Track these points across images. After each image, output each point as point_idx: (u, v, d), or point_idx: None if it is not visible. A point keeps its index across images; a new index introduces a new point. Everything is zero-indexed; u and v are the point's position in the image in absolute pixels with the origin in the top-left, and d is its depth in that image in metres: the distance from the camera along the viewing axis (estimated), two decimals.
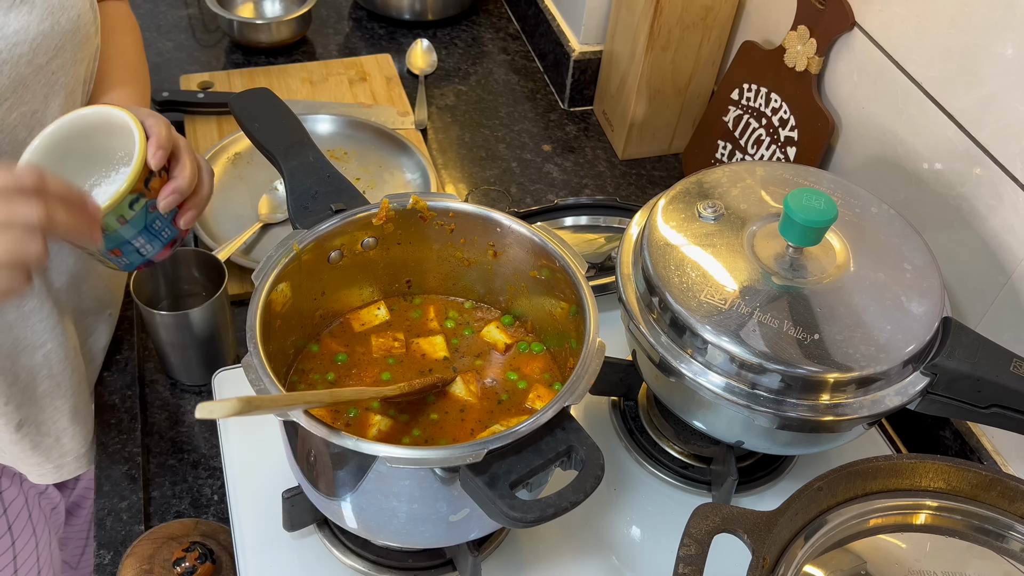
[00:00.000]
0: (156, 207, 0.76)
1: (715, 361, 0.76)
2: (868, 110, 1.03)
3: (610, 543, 0.87)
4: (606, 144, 1.39)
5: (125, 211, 0.74)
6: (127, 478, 0.93)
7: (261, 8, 1.57)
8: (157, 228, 0.78)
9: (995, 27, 0.85)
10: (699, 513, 0.66)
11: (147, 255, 0.79)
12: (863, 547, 0.70)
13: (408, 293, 0.89)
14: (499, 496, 0.62)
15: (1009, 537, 0.70)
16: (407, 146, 1.29)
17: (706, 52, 1.27)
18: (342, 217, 0.79)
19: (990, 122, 0.87)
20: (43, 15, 0.77)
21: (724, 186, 0.87)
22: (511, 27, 1.62)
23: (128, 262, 0.79)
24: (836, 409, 0.75)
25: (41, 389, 0.92)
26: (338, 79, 1.43)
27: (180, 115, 1.34)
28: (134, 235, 0.76)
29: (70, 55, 0.81)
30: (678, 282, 0.79)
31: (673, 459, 0.94)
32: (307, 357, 0.82)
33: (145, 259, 0.79)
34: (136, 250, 0.78)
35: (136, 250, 0.78)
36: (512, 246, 0.82)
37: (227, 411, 0.57)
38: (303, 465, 0.74)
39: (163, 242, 0.79)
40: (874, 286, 0.79)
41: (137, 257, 0.79)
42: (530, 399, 0.80)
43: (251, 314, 0.71)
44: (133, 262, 0.79)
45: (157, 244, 0.79)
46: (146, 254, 0.79)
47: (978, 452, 0.93)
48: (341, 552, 0.83)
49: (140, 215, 0.75)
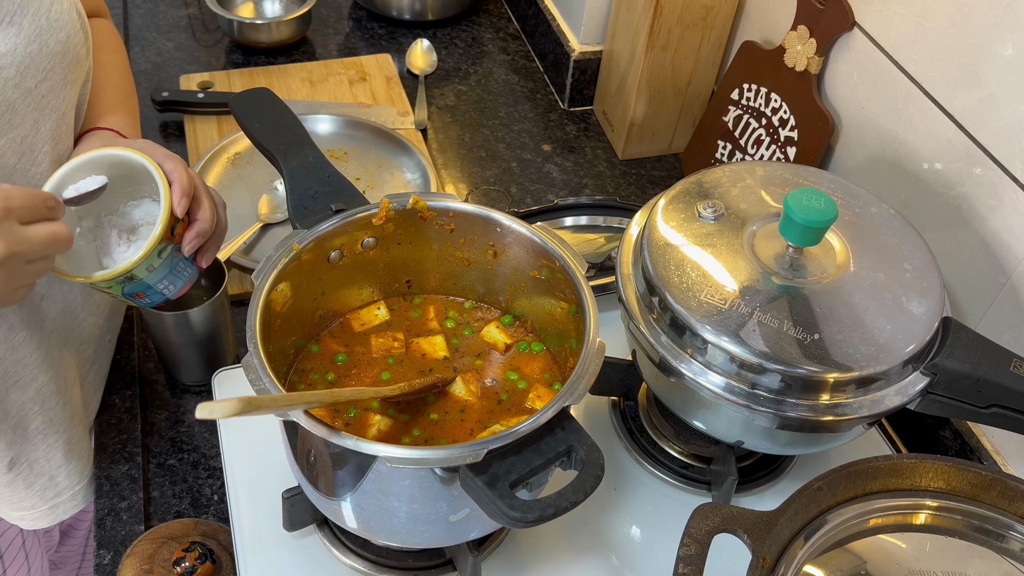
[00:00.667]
0: (180, 251, 0.79)
1: (715, 361, 0.76)
2: (868, 110, 1.03)
3: (610, 543, 0.87)
4: (606, 144, 1.39)
5: (154, 260, 0.77)
6: (127, 478, 0.93)
7: (261, 8, 1.57)
8: (180, 269, 0.80)
9: (995, 27, 0.85)
10: (699, 513, 0.66)
11: (168, 295, 0.81)
12: (863, 547, 0.70)
13: (408, 293, 0.89)
14: (499, 496, 0.62)
15: (1009, 537, 0.70)
16: (407, 146, 1.29)
17: (706, 52, 1.27)
18: (342, 217, 0.79)
19: (990, 122, 0.87)
20: (31, 37, 0.74)
21: (724, 186, 0.87)
22: (511, 27, 1.62)
23: (150, 301, 0.81)
24: (836, 409, 0.75)
25: (34, 426, 0.89)
26: (338, 79, 1.43)
27: (180, 115, 1.34)
28: (159, 280, 0.79)
29: (60, 78, 0.78)
30: (678, 282, 0.79)
31: (673, 459, 0.94)
32: (307, 357, 0.82)
33: (166, 298, 0.82)
34: (159, 292, 0.80)
35: (159, 292, 0.80)
36: (512, 246, 0.82)
37: (227, 411, 0.57)
38: (303, 465, 0.74)
39: (184, 280, 0.82)
40: (874, 286, 0.79)
41: (159, 297, 0.81)
42: (530, 399, 0.80)
43: (251, 314, 0.71)
44: (154, 301, 0.82)
45: (179, 283, 0.81)
46: (168, 294, 0.81)
47: (978, 452, 0.93)
48: (341, 552, 0.83)
49: (166, 261, 0.78)
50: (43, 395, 0.88)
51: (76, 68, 0.81)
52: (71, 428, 0.93)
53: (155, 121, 1.34)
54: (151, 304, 0.82)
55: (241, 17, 1.46)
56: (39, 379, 0.87)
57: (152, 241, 0.75)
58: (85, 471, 0.97)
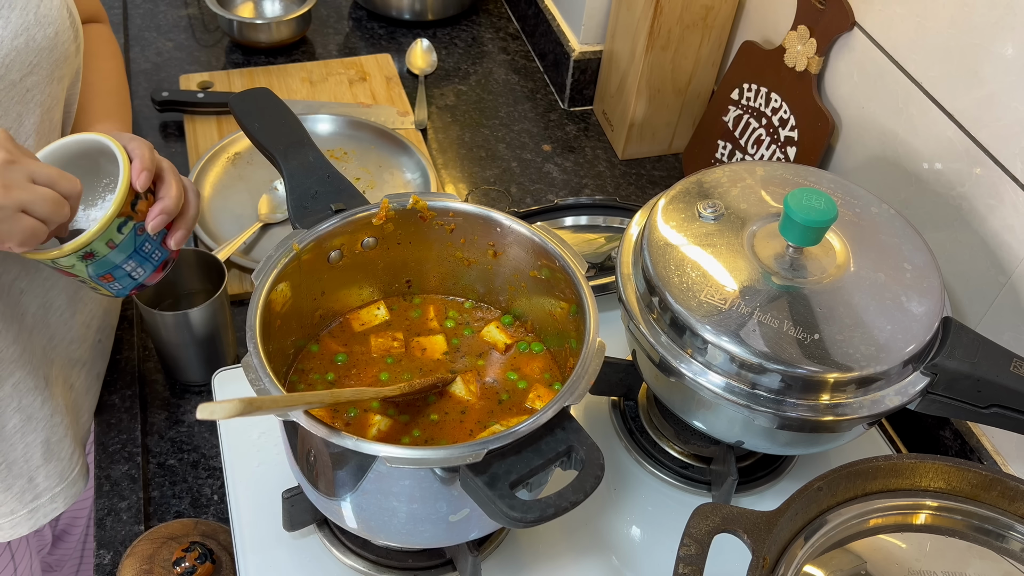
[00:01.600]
0: (144, 229, 0.78)
1: (715, 361, 0.76)
2: (868, 110, 1.03)
3: (610, 543, 0.87)
4: (606, 144, 1.39)
5: (114, 235, 0.75)
6: (127, 478, 0.93)
7: (261, 8, 1.57)
8: (147, 251, 0.79)
9: (995, 27, 0.85)
10: (699, 513, 0.66)
11: (139, 279, 0.80)
12: (863, 547, 0.70)
13: (408, 293, 0.89)
14: (499, 496, 0.62)
15: (1009, 537, 0.70)
16: (407, 146, 1.29)
17: (706, 52, 1.27)
18: (342, 217, 0.79)
19: (990, 122, 0.87)
20: (17, 31, 0.74)
21: (724, 186, 0.87)
22: (511, 27, 1.62)
23: (120, 287, 0.80)
24: (836, 409, 0.75)
25: (11, 424, 0.88)
26: (338, 79, 1.43)
27: (180, 115, 1.34)
28: (124, 259, 0.78)
29: (46, 73, 0.78)
30: (678, 282, 0.79)
31: (673, 459, 0.94)
32: (307, 357, 0.82)
33: (137, 283, 0.80)
34: (128, 274, 0.79)
35: (128, 274, 0.79)
36: (512, 246, 0.82)
37: (228, 412, 0.57)
38: (303, 465, 0.74)
39: (154, 265, 0.80)
40: (874, 286, 0.79)
41: (129, 281, 0.80)
42: (530, 399, 0.80)
43: (251, 314, 0.71)
44: (126, 287, 0.80)
45: (148, 267, 0.80)
46: (138, 278, 0.80)
47: (978, 452, 0.93)
48: (341, 552, 0.83)
49: (129, 238, 0.77)
50: (20, 391, 0.87)
51: (64, 65, 0.81)
52: (51, 427, 0.92)
53: (155, 121, 1.34)
54: (124, 291, 0.81)
55: (241, 17, 1.46)
56: (16, 374, 0.86)
57: (109, 212, 0.74)
58: (66, 472, 0.96)
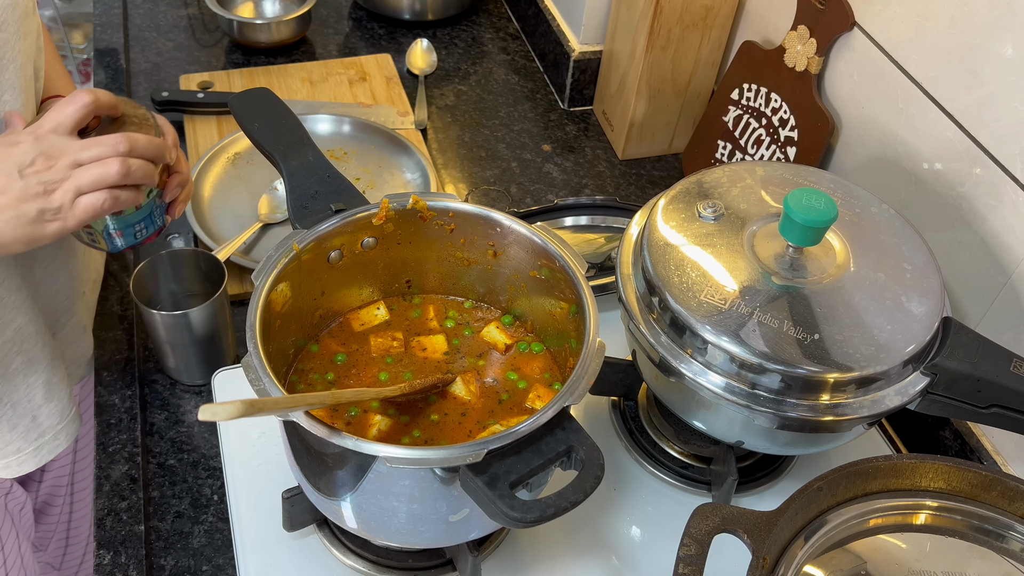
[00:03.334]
0: (162, 197, 0.86)
1: (715, 361, 0.76)
2: (868, 110, 1.03)
3: (610, 543, 0.87)
4: (606, 144, 1.39)
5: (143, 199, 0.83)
6: (127, 478, 0.93)
7: (261, 8, 1.57)
8: (154, 216, 0.87)
9: (995, 27, 0.85)
10: (699, 513, 0.66)
11: (139, 238, 0.87)
12: (863, 547, 0.70)
13: (408, 293, 0.89)
14: (499, 496, 0.62)
15: (1009, 537, 0.70)
16: (407, 146, 1.29)
17: (706, 52, 1.27)
18: (342, 217, 0.79)
19: (990, 122, 0.87)
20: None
21: (724, 186, 0.87)
22: (511, 27, 1.62)
23: (122, 243, 0.86)
24: (836, 409, 0.75)
25: (14, 366, 0.91)
26: (338, 79, 1.43)
27: (180, 115, 1.34)
28: (138, 220, 0.85)
29: (14, 29, 0.81)
30: (678, 282, 0.79)
31: (673, 459, 0.94)
32: (307, 357, 0.82)
33: (137, 242, 0.87)
34: (134, 233, 0.86)
35: (134, 233, 0.86)
36: (512, 246, 0.82)
37: (230, 414, 0.57)
38: (303, 465, 0.74)
39: (155, 228, 0.88)
40: (874, 286, 0.79)
41: (132, 239, 0.86)
42: (530, 399, 0.80)
43: (251, 314, 0.71)
44: (126, 243, 0.86)
45: (151, 229, 0.87)
46: (139, 237, 0.87)
47: (978, 452, 0.93)
48: (341, 552, 0.83)
49: (150, 202, 0.85)
50: (22, 336, 0.91)
51: (27, 20, 0.84)
52: (50, 368, 0.95)
53: None
54: (117, 249, 0.86)
55: (241, 17, 1.46)
56: (17, 320, 0.90)
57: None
58: (66, 411, 1.00)
